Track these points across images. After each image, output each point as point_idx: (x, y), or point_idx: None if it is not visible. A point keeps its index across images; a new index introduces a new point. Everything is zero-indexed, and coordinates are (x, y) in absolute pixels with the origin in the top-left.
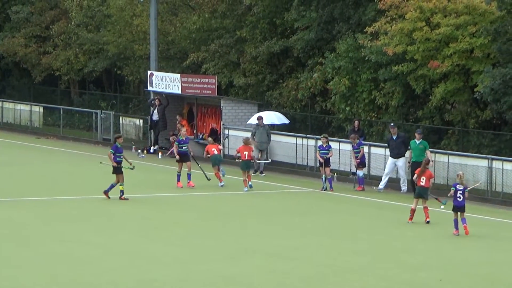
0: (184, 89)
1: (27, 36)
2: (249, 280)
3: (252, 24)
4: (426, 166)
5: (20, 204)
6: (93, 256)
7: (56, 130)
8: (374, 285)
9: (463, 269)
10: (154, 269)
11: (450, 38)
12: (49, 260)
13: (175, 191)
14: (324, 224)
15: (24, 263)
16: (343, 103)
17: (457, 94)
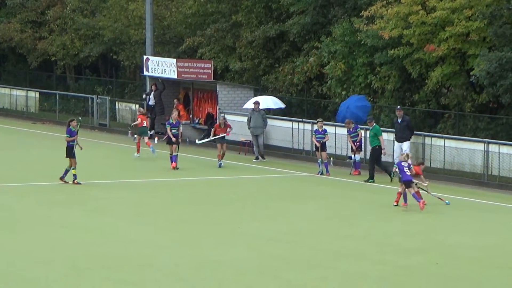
0: (180, 74)
1: (22, 21)
2: (245, 265)
3: (247, 8)
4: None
5: (13, 189)
6: (88, 241)
7: (52, 116)
8: (371, 269)
9: (458, 253)
10: (150, 254)
11: (446, 22)
12: (44, 245)
13: (170, 176)
14: (320, 208)
15: (20, 249)
16: (339, 87)
17: (453, 78)
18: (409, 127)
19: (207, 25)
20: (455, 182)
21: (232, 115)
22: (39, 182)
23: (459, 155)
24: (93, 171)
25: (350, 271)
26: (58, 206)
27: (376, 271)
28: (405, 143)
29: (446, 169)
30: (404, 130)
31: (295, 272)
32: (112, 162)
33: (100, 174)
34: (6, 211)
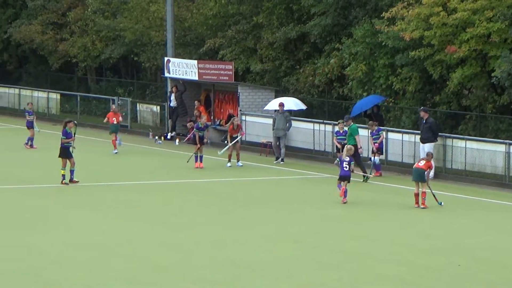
0: (201, 76)
1: (44, 23)
2: (262, 266)
3: (268, 10)
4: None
5: (32, 190)
6: (105, 243)
7: (74, 117)
8: (392, 270)
9: (479, 254)
10: (167, 255)
11: (467, 23)
12: (61, 246)
13: (189, 177)
14: (342, 210)
15: (37, 249)
16: (360, 88)
17: (474, 79)
18: (432, 129)
19: (228, 27)
20: (476, 183)
21: (253, 117)
22: (57, 185)
23: (480, 157)
24: (113, 173)
25: (370, 272)
26: (76, 207)
27: (396, 272)
28: (427, 144)
29: (467, 170)
30: (427, 131)
31: (313, 273)
32: (132, 164)
33: (120, 175)
34: (25, 212)
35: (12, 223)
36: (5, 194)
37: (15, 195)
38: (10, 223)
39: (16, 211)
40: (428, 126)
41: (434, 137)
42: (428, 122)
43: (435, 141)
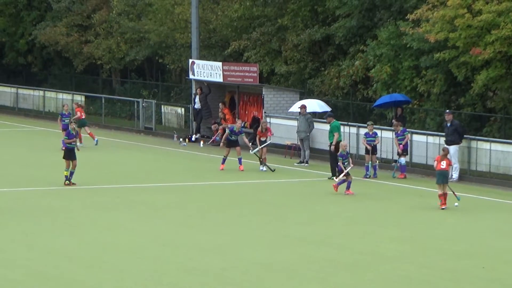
0: (226, 77)
1: (68, 25)
2: (290, 268)
3: (293, 12)
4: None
5: (59, 192)
6: (135, 245)
7: (98, 119)
8: (416, 273)
9: (506, 257)
10: (196, 257)
11: (492, 25)
12: (92, 248)
13: (215, 179)
14: (366, 211)
15: (68, 252)
16: (385, 90)
17: (499, 81)
18: (458, 131)
19: (253, 29)
20: (501, 185)
21: (278, 119)
22: (84, 186)
23: (505, 159)
24: (139, 175)
25: (396, 274)
26: (105, 209)
27: (422, 275)
28: (452, 146)
29: (492, 172)
30: (452, 133)
31: (341, 275)
32: (158, 166)
33: (146, 177)
34: (54, 214)
35: (42, 225)
36: (33, 195)
37: (43, 196)
38: (40, 225)
39: (45, 213)
40: (454, 128)
41: (460, 139)
42: (453, 124)
43: (460, 143)
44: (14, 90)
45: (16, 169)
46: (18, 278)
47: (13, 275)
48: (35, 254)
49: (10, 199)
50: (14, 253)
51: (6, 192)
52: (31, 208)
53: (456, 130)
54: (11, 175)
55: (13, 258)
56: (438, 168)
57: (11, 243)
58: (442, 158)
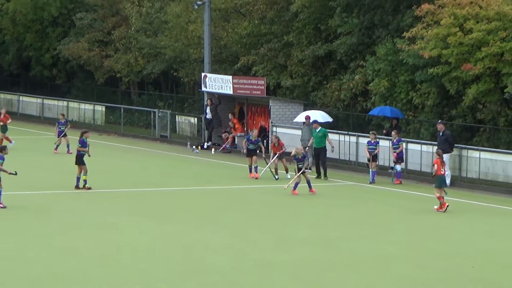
0: (235, 90)
1: (90, 40)
2: (294, 267)
3: (298, 29)
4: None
5: (82, 196)
6: (150, 245)
7: (117, 128)
8: (411, 273)
9: (493, 257)
10: (206, 257)
11: (482, 43)
12: (111, 248)
13: (225, 184)
14: (365, 215)
15: (87, 252)
16: (383, 102)
17: (488, 95)
18: (449, 141)
19: (261, 45)
20: (490, 191)
21: (283, 128)
22: (103, 190)
23: (493, 166)
24: (154, 179)
25: (392, 274)
26: (122, 212)
27: (416, 274)
28: (443, 155)
29: (481, 179)
30: (443, 143)
31: (342, 275)
32: (172, 171)
33: (161, 182)
34: (76, 216)
35: (62, 226)
36: (55, 198)
37: (65, 199)
38: (60, 226)
39: (65, 215)
40: (444, 138)
41: (451, 148)
42: (445, 134)
43: (451, 151)
44: (40, 100)
45: (39, 173)
46: (38, 276)
47: (33, 273)
48: (55, 253)
49: (34, 201)
50: (35, 252)
51: (30, 194)
52: (53, 210)
53: (446, 139)
54: (35, 179)
55: (34, 256)
56: (439, 173)
57: (33, 242)
58: (442, 164)
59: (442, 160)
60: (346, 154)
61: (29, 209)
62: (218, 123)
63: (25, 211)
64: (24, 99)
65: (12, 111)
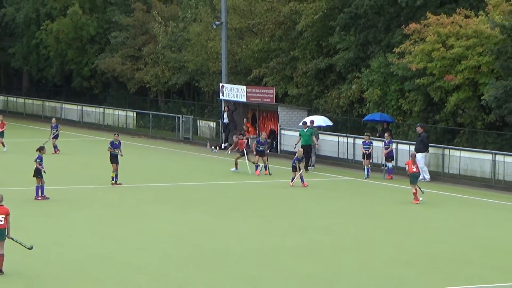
0: (249, 98)
1: (123, 56)
2: (298, 251)
3: (303, 45)
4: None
5: (117, 190)
6: (176, 232)
7: (147, 131)
8: (398, 256)
9: (472, 242)
10: (222, 242)
11: (461, 57)
12: (142, 235)
13: (239, 180)
14: (359, 205)
15: (122, 238)
16: (376, 109)
17: (467, 102)
18: (423, 142)
19: (270, 59)
20: (469, 185)
21: (290, 131)
22: (134, 184)
23: (472, 164)
24: (179, 175)
25: (383, 257)
26: (151, 203)
27: (404, 257)
28: (419, 154)
29: (461, 174)
30: (419, 143)
31: (340, 256)
32: (195, 169)
33: (185, 177)
34: (113, 207)
35: (100, 216)
36: (93, 191)
37: (101, 192)
38: (98, 215)
39: (103, 206)
40: (420, 139)
41: (425, 148)
42: (421, 136)
43: (426, 151)
44: (79, 107)
45: (80, 170)
46: (81, 259)
47: (77, 256)
48: (95, 239)
49: (75, 194)
50: (78, 238)
51: (72, 188)
52: (92, 202)
53: (422, 141)
54: (77, 175)
55: (77, 242)
56: (411, 171)
57: (76, 230)
58: (414, 163)
59: (414, 160)
60: (344, 153)
61: (69, 201)
62: (234, 126)
63: (67, 202)
64: (66, 107)
65: (56, 116)
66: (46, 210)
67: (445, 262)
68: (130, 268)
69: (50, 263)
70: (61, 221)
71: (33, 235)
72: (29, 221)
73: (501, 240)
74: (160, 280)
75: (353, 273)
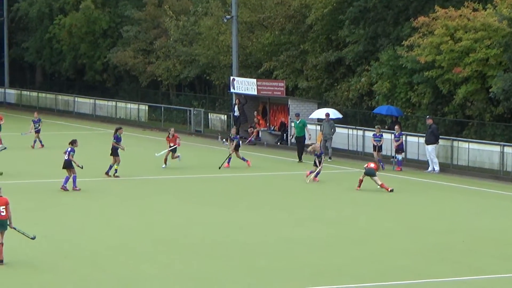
0: (259, 91)
1: (135, 49)
2: (310, 242)
3: (312, 39)
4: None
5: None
6: (184, 224)
7: (158, 124)
8: (407, 247)
9: (480, 233)
10: (232, 234)
11: (470, 50)
12: (151, 226)
13: (249, 171)
14: (368, 197)
15: (133, 229)
16: (385, 101)
17: (475, 94)
18: (434, 134)
19: (281, 53)
20: (477, 176)
21: None
22: (148, 176)
23: (480, 155)
24: (189, 168)
25: (391, 247)
26: (165, 194)
27: (412, 247)
28: (429, 145)
29: (470, 166)
30: (429, 135)
31: (348, 247)
32: (205, 161)
33: (196, 170)
34: (124, 199)
35: (116, 207)
36: (106, 183)
37: (114, 184)
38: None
39: (116, 198)
40: (431, 131)
41: (436, 140)
42: (431, 127)
43: (436, 143)
44: (92, 101)
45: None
46: (99, 250)
47: (94, 248)
48: (108, 230)
49: (87, 186)
50: (95, 230)
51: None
52: (104, 193)
53: (432, 132)
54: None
55: (94, 234)
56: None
57: (89, 221)
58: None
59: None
60: (354, 146)
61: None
62: (245, 119)
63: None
64: (79, 100)
65: (69, 110)
66: (59, 202)
67: (454, 253)
68: (142, 259)
69: (64, 254)
70: (74, 212)
71: (45, 226)
72: (41, 213)
73: (510, 231)
74: (170, 270)
75: (362, 264)
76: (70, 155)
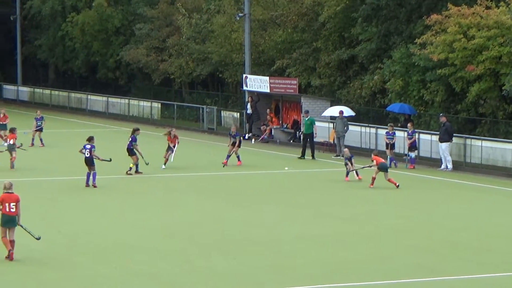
0: (272, 89)
1: (148, 47)
2: (324, 239)
3: (325, 37)
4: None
5: (144, 179)
6: (200, 221)
7: (171, 122)
8: (420, 244)
9: (494, 230)
10: (247, 231)
11: (483, 47)
12: (168, 223)
13: (263, 169)
14: (382, 195)
15: (148, 226)
16: (398, 99)
17: (488, 92)
18: (448, 131)
19: (293, 50)
20: (490, 174)
21: None
22: (162, 174)
23: (493, 153)
24: (204, 165)
25: (405, 244)
26: (179, 192)
27: (425, 244)
28: (443, 143)
29: (483, 164)
30: (443, 133)
31: (364, 244)
32: (218, 159)
33: (209, 167)
34: (139, 196)
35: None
36: (119, 180)
37: (127, 181)
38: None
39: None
40: (445, 129)
41: (450, 138)
42: (445, 125)
43: (450, 141)
44: (105, 98)
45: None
46: (109, 246)
47: (105, 244)
48: (123, 227)
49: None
50: (105, 227)
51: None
52: (119, 191)
53: (446, 130)
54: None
55: (104, 230)
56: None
57: (104, 217)
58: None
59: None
60: (366, 143)
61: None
62: (257, 117)
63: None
64: (91, 98)
65: (81, 107)
66: (72, 200)
67: (467, 250)
68: (157, 256)
69: (78, 250)
70: (89, 209)
71: (59, 222)
72: (55, 210)
73: None
74: (185, 267)
75: (375, 261)
76: (92, 152)
